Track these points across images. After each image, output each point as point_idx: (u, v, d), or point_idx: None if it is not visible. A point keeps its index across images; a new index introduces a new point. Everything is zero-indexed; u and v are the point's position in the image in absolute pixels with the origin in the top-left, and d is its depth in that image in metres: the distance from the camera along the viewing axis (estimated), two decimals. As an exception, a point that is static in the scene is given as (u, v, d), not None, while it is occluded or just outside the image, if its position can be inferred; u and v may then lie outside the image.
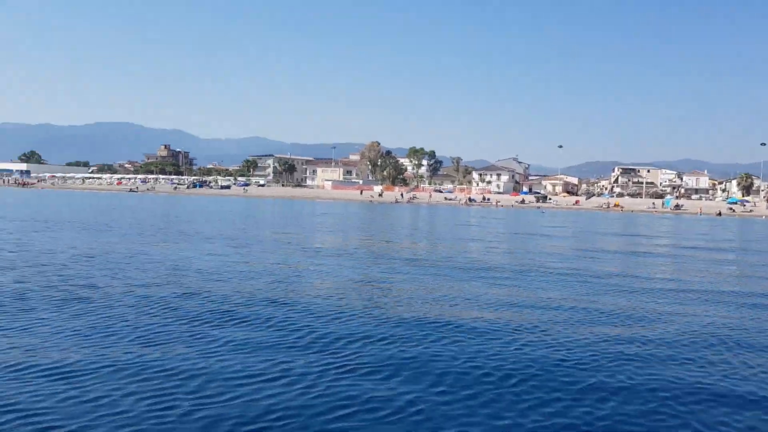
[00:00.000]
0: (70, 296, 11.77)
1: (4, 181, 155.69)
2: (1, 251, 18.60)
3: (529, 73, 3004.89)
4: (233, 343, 8.84)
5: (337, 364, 8.09)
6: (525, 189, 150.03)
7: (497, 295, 13.54)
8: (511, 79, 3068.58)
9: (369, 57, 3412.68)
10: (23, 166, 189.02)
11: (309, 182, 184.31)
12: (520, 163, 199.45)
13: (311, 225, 39.51)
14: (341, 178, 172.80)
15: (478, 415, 6.62)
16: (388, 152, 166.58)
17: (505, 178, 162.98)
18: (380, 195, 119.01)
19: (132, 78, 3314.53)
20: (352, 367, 8.02)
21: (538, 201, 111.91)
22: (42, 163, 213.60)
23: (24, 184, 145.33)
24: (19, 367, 7.57)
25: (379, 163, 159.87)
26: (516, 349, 9.12)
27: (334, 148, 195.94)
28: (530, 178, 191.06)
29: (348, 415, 6.50)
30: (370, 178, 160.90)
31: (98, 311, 10.62)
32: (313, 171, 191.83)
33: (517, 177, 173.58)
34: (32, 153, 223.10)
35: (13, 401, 6.52)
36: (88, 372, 7.45)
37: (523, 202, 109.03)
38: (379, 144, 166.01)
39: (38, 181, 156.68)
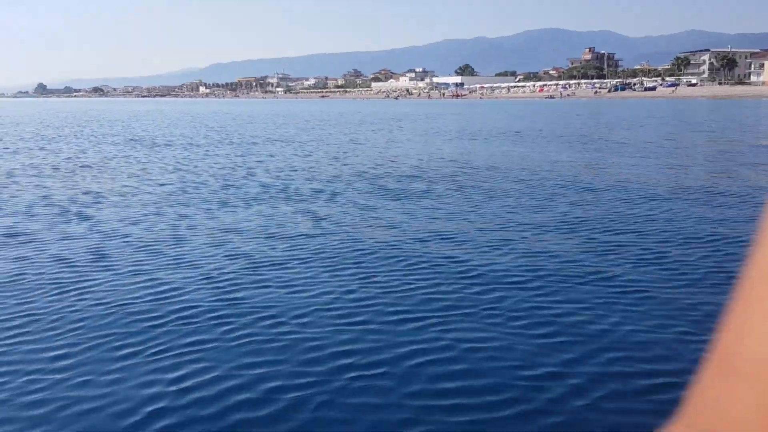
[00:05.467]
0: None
1: (441, 94, 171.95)
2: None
3: None
4: None
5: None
6: None
7: None
8: None
9: None
10: (458, 79, 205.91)
11: (753, 79, 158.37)
12: None
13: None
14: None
15: None
16: None
17: None
18: None
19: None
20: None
21: None
22: (474, 75, 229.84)
23: (457, 96, 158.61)
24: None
25: None
26: None
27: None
28: None
29: None
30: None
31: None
32: (760, 65, 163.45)
33: None
34: (466, 66, 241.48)
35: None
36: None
37: None
38: None
39: (470, 92, 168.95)
